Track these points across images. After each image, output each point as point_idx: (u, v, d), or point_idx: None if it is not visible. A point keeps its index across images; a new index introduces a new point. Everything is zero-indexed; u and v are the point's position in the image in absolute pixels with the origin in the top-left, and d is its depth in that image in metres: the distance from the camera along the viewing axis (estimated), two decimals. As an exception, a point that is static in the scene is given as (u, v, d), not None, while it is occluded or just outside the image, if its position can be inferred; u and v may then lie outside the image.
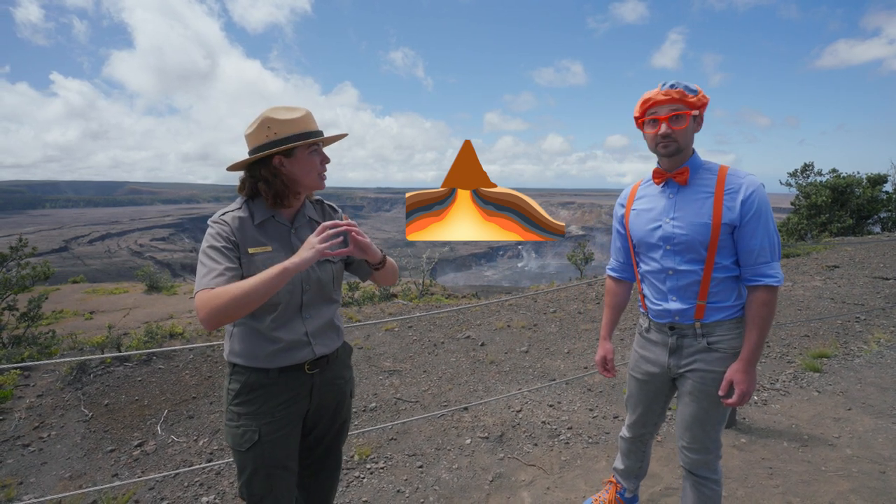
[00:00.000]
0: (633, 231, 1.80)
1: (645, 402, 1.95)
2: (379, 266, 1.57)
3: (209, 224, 1.44)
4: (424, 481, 2.73)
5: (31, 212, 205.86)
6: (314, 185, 1.52)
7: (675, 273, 1.67)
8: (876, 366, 4.00)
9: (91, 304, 14.64)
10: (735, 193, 1.57)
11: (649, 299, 1.80)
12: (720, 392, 1.63)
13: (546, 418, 3.39)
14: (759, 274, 1.58)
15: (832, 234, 12.24)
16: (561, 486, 2.60)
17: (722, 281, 1.63)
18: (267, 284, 1.28)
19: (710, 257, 1.61)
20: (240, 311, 1.28)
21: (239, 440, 1.47)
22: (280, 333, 1.46)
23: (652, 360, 1.84)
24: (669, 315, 1.72)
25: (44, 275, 5.95)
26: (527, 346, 5.06)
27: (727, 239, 1.60)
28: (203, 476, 2.91)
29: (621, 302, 2.02)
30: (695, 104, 1.58)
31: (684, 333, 1.72)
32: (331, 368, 1.60)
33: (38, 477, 3.05)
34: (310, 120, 1.48)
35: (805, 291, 6.50)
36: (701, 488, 1.79)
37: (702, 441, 1.74)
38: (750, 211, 1.55)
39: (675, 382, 1.84)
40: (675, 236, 1.65)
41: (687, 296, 1.67)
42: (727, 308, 1.65)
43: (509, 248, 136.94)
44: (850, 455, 2.75)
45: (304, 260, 1.31)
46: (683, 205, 1.65)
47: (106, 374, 4.36)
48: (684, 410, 1.77)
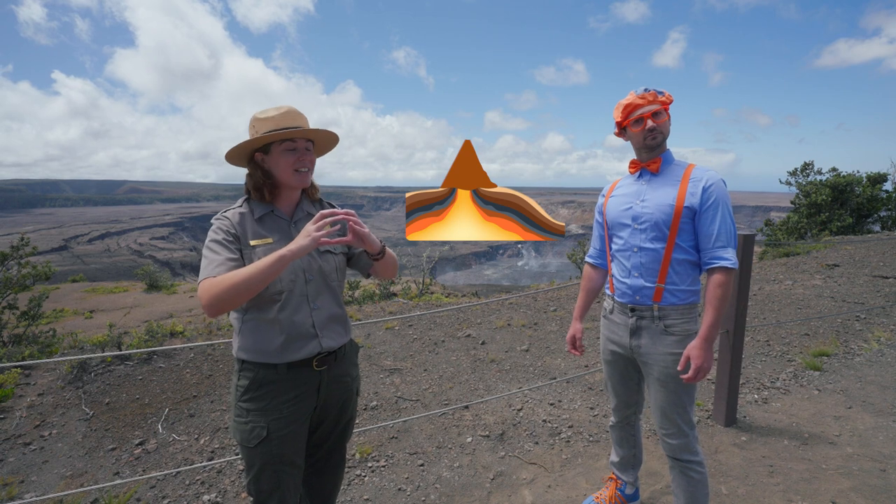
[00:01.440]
0: (609, 214, 1.99)
1: (620, 381, 2.10)
2: (378, 256, 1.58)
3: (211, 222, 1.49)
4: (426, 479, 2.74)
5: (31, 210, 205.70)
6: (290, 181, 1.53)
7: (639, 250, 1.86)
8: (876, 364, 4.01)
9: (91, 303, 14.65)
10: (698, 182, 1.79)
11: (616, 277, 1.97)
12: (679, 367, 1.77)
13: (547, 416, 3.39)
14: (717, 257, 1.76)
15: (832, 233, 12.23)
16: (562, 484, 2.60)
17: (680, 263, 1.81)
18: (265, 271, 1.31)
19: (672, 237, 1.80)
20: (240, 296, 1.31)
21: (247, 436, 1.48)
22: (288, 322, 1.48)
23: (616, 340, 2.00)
24: (631, 293, 1.89)
25: (45, 274, 5.95)
26: (527, 345, 5.06)
27: (688, 223, 1.79)
28: (204, 474, 2.91)
29: (595, 287, 2.20)
30: (664, 103, 1.83)
31: (643, 315, 1.88)
32: (338, 365, 1.61)
33: (40, 475, 3.05)
34: (288, 117, 1.49)
35: (805, 290, 6.50)
36: (688, 472, 1.90)
37: (677, 424, 1.87)
38: (710, 199, 1.76)
39: (639, 368, 2.00)
40: (642, 215, 1.85)
41: (648, 273, 1.84)
42: (681, 292, 1.82)
43: (509, 247, 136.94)
44: (851, 453, 2.75)
45: (300, 247, 1.33)
46: (653, 190, 1.86)
47: (107, 373, 4.36)
48: (656, 396, 1.91)
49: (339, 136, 1.64)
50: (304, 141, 1.52)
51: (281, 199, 1.57)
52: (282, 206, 1.58)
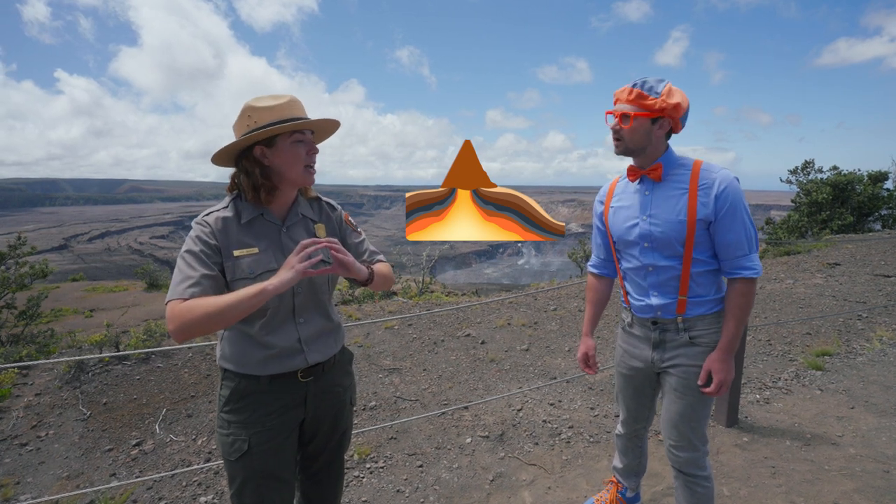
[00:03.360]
0: (613, 228, 1.83)
1: (633, 396, 1.97)
2: (367, 283, 1.47)
3: (192, 225, 1.36)
4: (424, 481, 2.71)
5: (31, 209, 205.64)
6: (300, 178, 1.42)
7: (654, 269, 1.70)
8: (879, 364, 3.98)
9: (91, 302, 14.62)
10: (709, 189, 1.59)
11: (631, 295, 1.82)
12: (699, 381, 1.66)
13: (547, 417, 3.37)
14: (738, 267, 1.61)
15: (833, 232, 12.20)
16: (562, 486, 2.58)
17: (701, 275, 1.66)
18: (243, 304, 1.23)
19: (688, 253, 1.64)
20: (212, 327, 1.23)
21: (228, 449, 1.41)
22: (271, 339, 1.39)
23: (636, 354, 1.85)
24: (652, 310, 1.74)
25: (42, 273, 5.93)
26: (527, 345, 5.04)
27: (703, 234, 1.62)
28: (201, 476, 2.89)
29: (602, 298, 2.04)
30: (651, 107, 1.57)
31: (667, 328, 1.73)
32: (327, 376, 1.53)
33: (36, 476, 3.03)
34: (294, 106, 1.38)
35: (806, 289, 6.47)
36: (693, 487, 1.79)
37: (688, 438, 1.75)
38: (724, 206, 1.57)
39: (658, 378, 1.86)
40: (651, 234, 1.67)
41: (667, 291, 1.70)
42: (708, 302, 1.68)
43: (510, 246, 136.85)
44: (854, 454, 2.73)
45: (282, 282, 1.25)
46: (659, 202, 1.67)
47: (104, 373, 4.33)
48: (670, 408, 1.78)
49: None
50: (309, 132, 1.41)
51: (276, 199, 1.43)
52: (274, 208, 1.45)
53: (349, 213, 1.68)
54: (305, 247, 1.29)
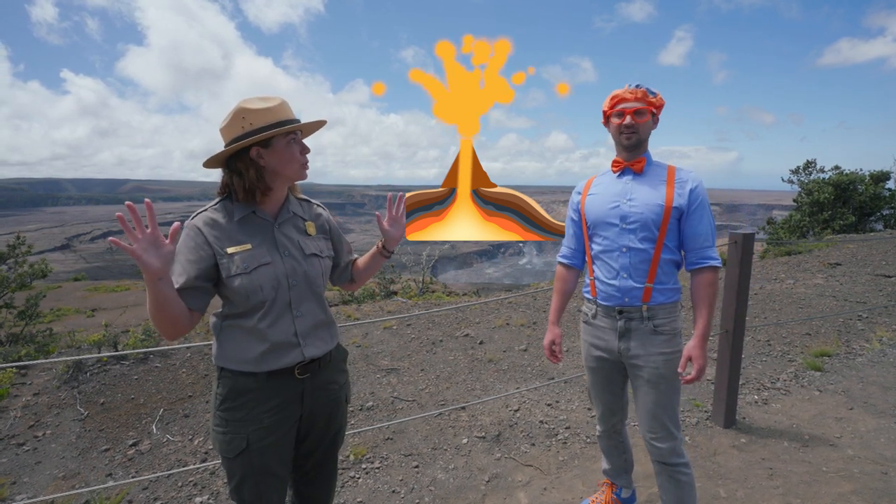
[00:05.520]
0: (590, 213, 1.93)
1: (605, 388, 2.05)
2: (388, 254, 1.69)
3: (183, 227, 1.37)
4: (420, 482, 2.70)
5: (35, 209, 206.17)
6: (296, 175, 1.47)
7: (629, 250, 1.82)
8: (878, 364, 3.96)
9: (93, 302, 14.65)
10: (684, 184, 1.80)
11: (600, 280, 1.90)
12: (679, 369, 1.78)
13: (544, 418, 3.36)
14: (705, 256, 1.79)
15: (834, 232, 12.16)
16: (558, 487, 2.57)
17: (667, 263, 1.82)
18: (152, 302, 1.25)
19: (661, 237, 1.79)
20: (163, 327, 1.28)
21: (226, 447, 1.43)
22: (269, 332, 1.41)
23: (601, 346, 1.95)
24: (619, 295, 1.84)
25: (41, 272, 5.93)
26: (525, 345, 5.02)
27: (674, 224, 1.80)
28: (197, 476, 2.89)
29: (570, 288, 2.14)
30: (654, 104, 1.81)
31: (632, 316, 1.84)
32: (323, 373, 1.54)
33: (32, 476, 3.03)
34: (286, 109, 1.42)
35: (806, 289, 6.44)
36: (677, 476, 1.87)
37: (666, 427, 1.85)
38: (697, 200, 1.78)
39: (625, 370, 1.95)
40: (631, 215, 1.82)
41: (637, 274, 1.81)
42: (668, 291, 1.82)
43: (511, 246, 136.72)
44: (852, 455, 2.71)
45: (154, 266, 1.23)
46: (639, 189, 1.84)
47: (102, 373, 4.34)
48: (645, 399, 1.87)
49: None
50: (299, 132, 1.48)
51: (268, 199, 1.46)
52: (266, 206, 1.47)
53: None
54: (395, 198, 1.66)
